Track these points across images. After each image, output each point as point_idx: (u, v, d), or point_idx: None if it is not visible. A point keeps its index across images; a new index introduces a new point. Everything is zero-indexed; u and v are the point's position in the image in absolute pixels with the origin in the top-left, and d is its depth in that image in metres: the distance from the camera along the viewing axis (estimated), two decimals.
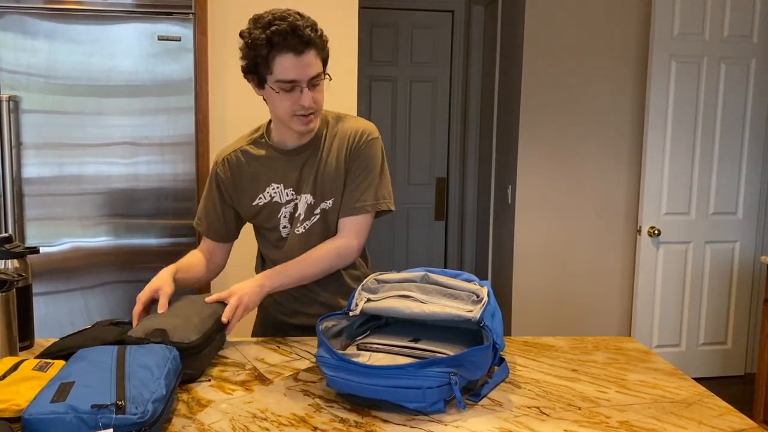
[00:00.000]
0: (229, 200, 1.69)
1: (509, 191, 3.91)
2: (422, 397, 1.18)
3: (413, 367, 1.19)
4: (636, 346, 1.61)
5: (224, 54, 2.64)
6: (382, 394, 1.20)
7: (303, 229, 1.65)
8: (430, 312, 1.34)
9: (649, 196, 3.52)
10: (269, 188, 1.64)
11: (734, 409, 1.25)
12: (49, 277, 2.41)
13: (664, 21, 3.40)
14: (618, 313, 3.86)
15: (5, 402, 1.10)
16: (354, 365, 1.21)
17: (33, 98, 2.34)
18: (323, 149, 1.63)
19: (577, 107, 3.71)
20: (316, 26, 1.49)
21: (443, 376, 1.18)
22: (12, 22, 2.30)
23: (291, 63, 1.46)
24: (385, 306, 1.38)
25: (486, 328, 1.30)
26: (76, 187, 2.41)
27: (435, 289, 1.42)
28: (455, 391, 1.18)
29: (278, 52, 1.45)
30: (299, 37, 1.43)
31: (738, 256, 3.69)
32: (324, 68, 1.53)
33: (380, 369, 1.19)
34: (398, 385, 1.18)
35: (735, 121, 3.57)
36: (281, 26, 1.43)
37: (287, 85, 1.48)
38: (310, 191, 1.63)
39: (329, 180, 1.63)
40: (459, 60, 4.83)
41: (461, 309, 1.33)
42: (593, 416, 1.20)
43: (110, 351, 1.21)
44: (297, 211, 1.65)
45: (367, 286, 1.46)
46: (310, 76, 1.48)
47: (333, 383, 1.25)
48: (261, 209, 1.66)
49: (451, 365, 1.19)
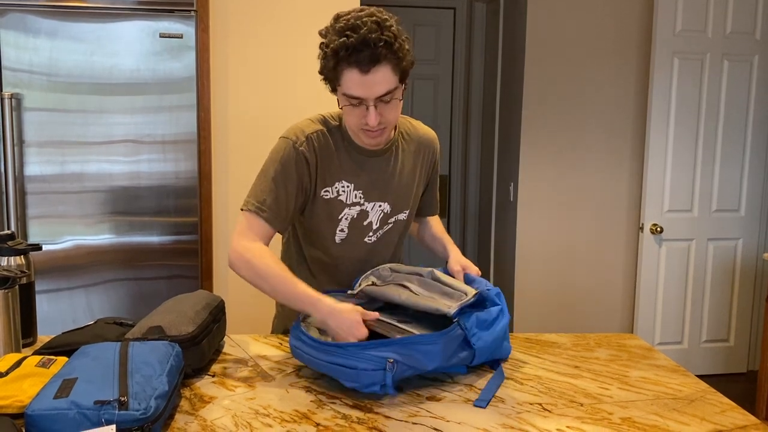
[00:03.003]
0: (307, 184, 1.49)
1: (511, 189, 3.90)
2: (356, 377, 1.22)
3: (354, 347, 1.23)
4: (638, 343, 1.61)
5: (226, 51, 2.64)
6: (324, 368, 1.27)
7: (375, 238, 1.58)
8: (415, 302, 1.37)
9: (652, 194, 3.51)
10: (338, 183, 1.51)
11: (737, 406, 1.25)
12: (52, 275, 2.41)
13: (667, 17, 3.39)
14: (620, 309, 3.85)
15: (8, 398, 1.10)
16: (306, 338, 1.30)
17: (35, 96, 2.34)
18: (399, 157, 1.56)
19: (579, 104, 3.70)
20: (397, 36, 1.34)
21: (380, 361, 1.20)
22: (14, 20, 2.30)
23: (357, 80, 1.34)
24: (381, 291, 1.44)
25: (460, 325, 1.30)
26: (79, 184, 2.41)
27: (435, 285, 1.44)
28: (387, 377, 1.20)
29: (345, 66, 1.34)
30: (366, 53, 1.31)
31: (741, 254, 3.68)
32: (403, 80, 1.40)
33: (324, 345, 1.26)
34: (337, 363, 1.24)
35: (738, 118, 3.57)
36: (350, 39, 1.31)
37: (354, 100, 1.38)
38: (386, 200, 1.55)
39: (406, 190, 1.59)
40: (461, 57, 4.82)
41: (443, 304, 1.34)
42: (595, 413, 1.20)
43: (113, 347, 1.21)
44: (367, 218, 1.55)
45: (378, 272, 1.51)
46: (377, 94, 1.36)
47: (293, 353, 1.35)
48: (325, 204, 1.51)
49: (396, 351, 1.21)
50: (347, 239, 1.56)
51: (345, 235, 1.56)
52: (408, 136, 1.60)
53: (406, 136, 1.60)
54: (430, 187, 1.72)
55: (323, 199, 1.51)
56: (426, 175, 1.68)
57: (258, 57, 2.64)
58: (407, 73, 1.41)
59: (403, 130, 1.60)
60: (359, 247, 1.58)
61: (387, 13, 1.39)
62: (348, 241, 1.56)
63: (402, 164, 1.58)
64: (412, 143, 1.60)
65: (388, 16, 1.38)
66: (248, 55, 2.65)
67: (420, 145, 1.62)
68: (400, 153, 1.57)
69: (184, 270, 2.49)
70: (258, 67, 2.65)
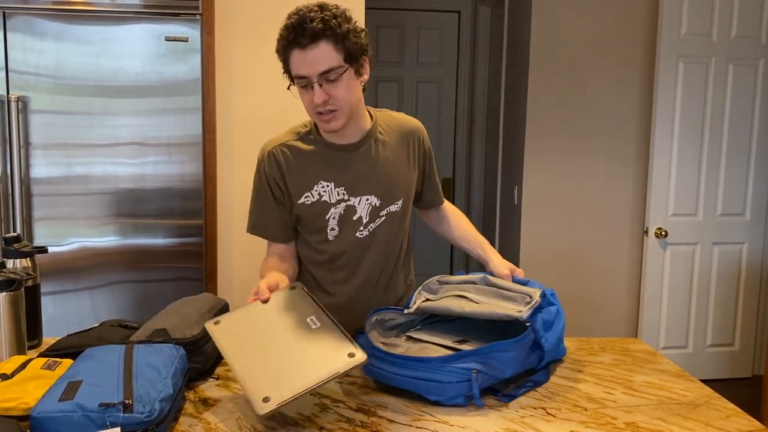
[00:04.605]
0: (281, 197, 1.56)
1: (515, 192, 3.90)
2: (441, 390, 1.21)
3: (436, 361, 1.22)
4: (642, 348, 1.61)
5: (231, 54, 2.64)
6: (405, 384, 1.25)
7: (367, 232, 1.58)
8: (479, 311, 1.35)
9: (656, 197, 3.50)
10: (318, 186, 1.54)
11: (742, 411, 1.24)
12: (57, 277, 2.42)
13: (672, 21, 3.38)
14: (624, 314, 3.85)
15: (14, 400, 1.10)
16: (383, 354, 1.27)
17: (41, 98, 2.35)
18: (379, 149, 1.57)
19: (583, 108, 3.70)
20: (338, 17, 1.39)
21: (464, 372, 1.20)
22: (21, 23, 2.31)
23: (299, 59, 1.39)
24: (440, 305, 1.42)
25: (534, 328, 1.30)
26: (84, 187, 2.42)
27: (492, 290, 1.44)
28: (474, 388, 1.20)
29: (289, 47, 1.40)
30: (303, 30, 1.36)
31: (746, 258, 3.67)
32: (352, 61, 1.42)
33: (405, 360, 1.25)
34: (420, 377, 1.22)
35: (743, 122, 3.56)
36: (290, 20, 1.38)
37: (300, 81, 1.42)
38: (374, 193, 1.56)
39: (394, 180, 1.58)
40: (465, 61, 4.83)
41: (511, 309, 1.33)
42: (599, 417, 1.20)
43: (118, 350, 1.22)
44: (356, 213, 1.56)
45: (428, 286, 1.51)
46: (319, 70, 1.38)
47: (367, 370, 1.31)
48: (308, 209, 1.55)
49: (476, 361, 1.21)
50: (339, 236, 1.58)
51: (337, 233, 1.57)
52: (387, 127, 1.61)
53: (385, 128, 1.61)
54: (428, 175, 1.72)
55: (305, 206, 1.55)
56: (418, 162, 1.67)
57: (263, 60, 2.65)
58: (355, 55, 1.42)
59: (382, 122, 1.61)
60: (352, 243, 1.58)
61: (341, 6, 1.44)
62: (340, 238, 1.58)
63: (384, 156, 1.58)
64: (393, 134, 1.61)
65: (337, 5, 1.42)
66: (253, 58, 2.66)
67: (403, 134, 1.63)
68: (379, 145, 1.58)
69: (188, 272, 2.49)
70: (263, 70, 2.66)
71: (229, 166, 2.69)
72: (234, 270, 2.72)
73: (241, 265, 2.72)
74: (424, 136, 1.69)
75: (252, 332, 1.25)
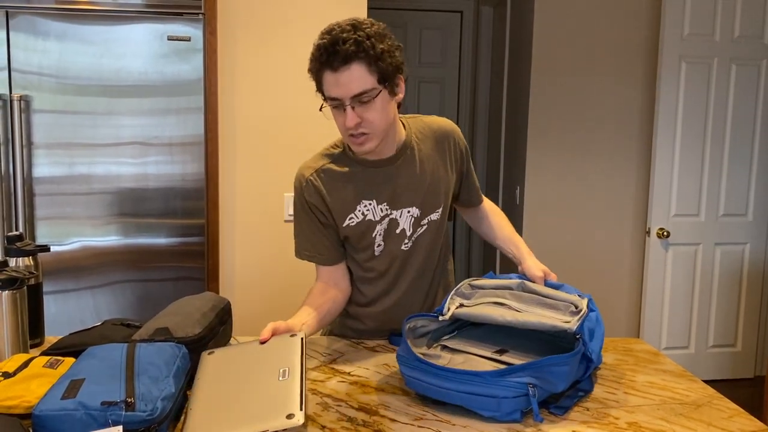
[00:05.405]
0: (326, 221, 1.54)
1: (518, 192, 3.90)
2: (497, 406, 1.15)
3: (491, 375, 1.15)
4: (645, 348, 1.61)
5: (234, 54, 2.65)
6: (456, 399, 1.18)
7: (411, 243, 1.57)
8: (524, 321, 1.28)
9: (659, 198, 3.50)
10: (360, 206, 1.51)
11: (744, 411, 1.24)
12: (59, 276, 2.43)
13: (674, 21, 3.38)
14: (627, 314, 3.84)
15: (16, 398, 1.11)
16: (430, 367, 1.19)
17: (44, 98, 2.35)
18: (417, 159, 1.54)
19: (586, 108, 3.70)
20: (371, 36, 1.34)
21: (521, 387, 1.14)
22: (23, 23, 2.32)
23: (332, 80, 1.35)
24: (478, 312, 1.34)
25: (584, 340, 1.24)
26: (86, 186, 2.42)
27: (531, 297, 1.37)
28: (533, 403, 1.15)
29: (322, 68, 1.36)
30: (336, 52, 1.32)
31: (748, 258, 3.67)
32: (386, 82, 1.38)
33: (456, 373, 1.17)
34: (473, 392, 1.15)
35: (745, 122, 3.55)
36: (323, 40, 1.34)
37: (333, 102, 1.38)
38: (414, 204, 1.54)
39: (434, 189, 1.56)
40: (468, 61, 4.83)
41: (557, 319, 1.27)
42: (602, 417, 1.20)
43: (120, 348, 1.22)
44: (398, 226, 1.54)
45: (460, 291, 1.44)
46: (352, 93, 1.35)
47: (409, 383, 1.24)
48: (353, 229, 1.53)
49: (531, 375, 1.15)
50: (385, 250, 1.56)
51: (383, 248, 1.56)
52: (422, 135, 1.58)
53: (420, 136, 1.57)
54: (466, 175, 1.68)
55: (351, 227, 1.53)
56: (456, 165, 1.63)
57: (265, 60, 2.65)
58: (389, 75, 1.38)
59: (416, 130, 1.58)
60: (397, 255, 1.57)
61: (377, 21, 1.40)
62: (386, 252, 1.56)
63: (422, 165, 1.55)
64: (428, 141, 1.58)
65: (372, 22, 1.38)
66: (255, 58, 2.66)
67: (438, 139, 1.59)
68: (416, 154, 1.55)
69: (190, 272, 2.50)
70: (265, 69, 2.66)
71: (232, 166, 2.69)
72: (236, 269, 2.73)
73: (242, 265, 2.73)
74: (458, 137, 1.64)
75: (228, 371, 1.23)
